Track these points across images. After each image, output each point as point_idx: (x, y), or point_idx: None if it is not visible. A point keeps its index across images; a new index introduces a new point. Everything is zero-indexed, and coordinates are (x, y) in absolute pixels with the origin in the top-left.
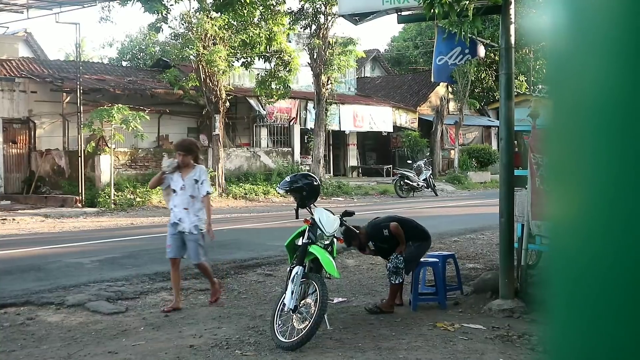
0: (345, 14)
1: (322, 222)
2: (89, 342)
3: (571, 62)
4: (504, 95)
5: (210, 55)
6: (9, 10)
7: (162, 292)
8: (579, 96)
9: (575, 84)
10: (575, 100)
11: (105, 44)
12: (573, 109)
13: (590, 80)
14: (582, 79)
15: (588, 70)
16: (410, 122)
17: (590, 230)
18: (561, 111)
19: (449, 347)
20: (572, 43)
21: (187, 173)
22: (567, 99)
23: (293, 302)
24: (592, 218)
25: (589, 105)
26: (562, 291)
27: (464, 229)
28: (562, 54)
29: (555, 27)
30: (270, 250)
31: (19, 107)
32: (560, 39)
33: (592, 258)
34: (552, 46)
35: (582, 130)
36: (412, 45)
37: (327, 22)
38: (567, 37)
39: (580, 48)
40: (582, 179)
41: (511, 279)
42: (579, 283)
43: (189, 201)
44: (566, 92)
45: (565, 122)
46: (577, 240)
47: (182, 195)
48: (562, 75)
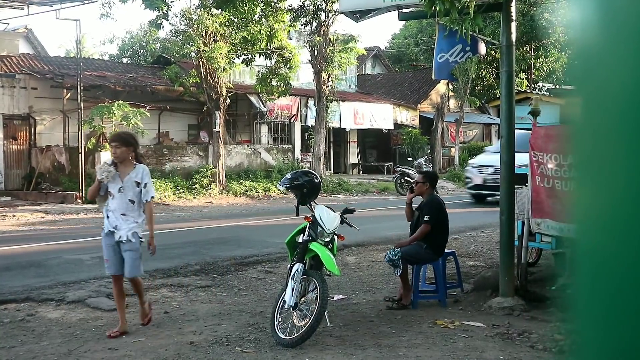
0: (346, 11)
1: (322, 219)
2: (89, 339)
3: (600, 58)
4: (504, 93)
5: (211, 52)
6: (9, 6)
7: (163, 289)
8: (607, 92)
9: (604, 80)
10: (603, 97)
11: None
12: (601, 105)
13: (620, 76)
14: (610, 74)
15: (617, 65)
16: (410, 119)
17: (621, 228)
18: (589, 107)
19: (449, 344)
20: (601, 38)
21: (126, 172)
22: (595, 95)
23: (293, 299)
24: (622, 216)
25: (617, 101)
26: (591, 290)
27: (465, 227)
28: (590, 49)
29: (583, 22)
30: (271, 247)
31: (20, 103)
32: (588, 34)
33: (620, 256)
34: (580, 41)
35: (611, 126)
36: (413, 42)
37: (328, 19)
38: (596, 31)
39: (609, 43)
40: (611, 176)
41: (511, 277)
42: (608, 281)
43: (128, 206)
44: (594, 88)
45: (593, 119)
46: (606, 239)
47: (119, 199)
48: (590, 71)
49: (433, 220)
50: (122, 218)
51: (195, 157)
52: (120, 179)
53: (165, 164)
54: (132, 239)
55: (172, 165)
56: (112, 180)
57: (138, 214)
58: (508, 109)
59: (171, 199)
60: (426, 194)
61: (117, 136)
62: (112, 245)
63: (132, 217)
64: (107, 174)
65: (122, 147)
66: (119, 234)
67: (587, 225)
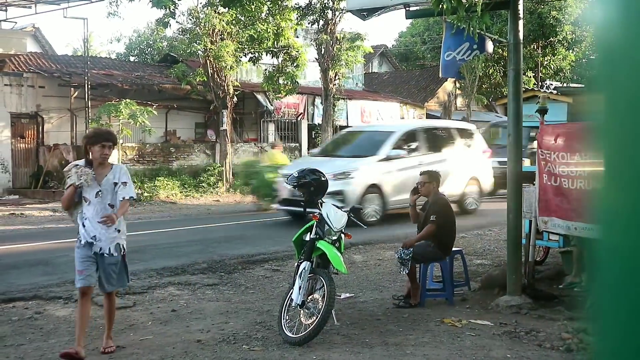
0: (353, 9)
1: (329, 217)
2: (97, 337)
3: (624, 56)
4: (512, 91)
5: (218, 50)
6: (17, 5)
7: (170, 287)
8: (632, 91)
9: (628, 79)
10: (628, 96)
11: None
12: (625, 104)
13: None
14: (635, 73)
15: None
16: (417, 117)
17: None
18: (612, 107)
19: (456, 343)
20: (625, 37)
21: (103, 174)
22: (619, 94)
23: (300, 298)
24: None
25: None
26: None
27: (472, 225)
28: (614, 48)
29: (607, 21)
30: (278, 246)
31: (27, 102)
32: (612, 33)
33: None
34: (603, 40)
35: (635, 125)
36: (420, 40)
37: (335, 17)
38: (620, 30)
39: (634, 42)
40: (636, 175)
41: (519, 275)
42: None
43: (107, 211)
44: (618, 87)
45: (617, 118)
46: (629, 237)
47: (97, 205)
48: (614, 69)
49: (439, 220)
50: (102, 226)
51: (203, 155)
52: (96, 182)
53: (173, 163)
54: (114, 252)
55: (179, 163)
56: (88, 184)
57: (120, 220)
58: (515, 107)
59: (178, 197)
60: (432, 193)
61: (110, 134)
62: (90, 257)
63: (113, 226)
64: (86, 178)
65: (114, 147)
66: (99, 245)
67: (612, 226)
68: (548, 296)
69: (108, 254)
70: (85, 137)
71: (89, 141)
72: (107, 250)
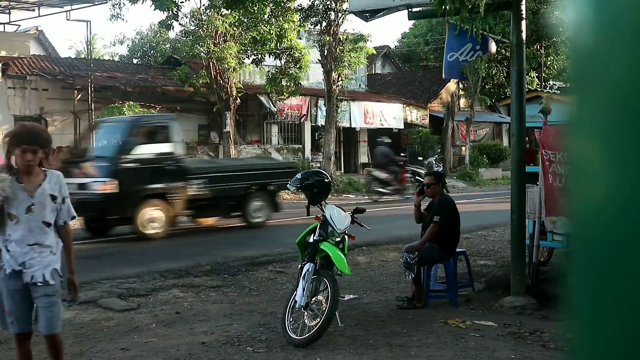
0: (355, 11)
1: (333, 219)
2: (101, 339)
3: (596, 56)
4: (515, 92)
5: (221, 52)
6: (20, 8)
7: (174, 289)
8: (603, 91)
9: (600, 78)
10: (600, 95)
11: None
12: (598, 104)
13: (616, 74)
14: (607, 73)
15: (613, 63)
16: (421, 118)
17: (614, 227)
18: (585, 106)
19: (461, 344)
20: (596, 36)
21: (34, 184)
22: (591, 93)
23: (304, 299)
24: (616, 214)
25: (614, 100)
26: (585, 288)
27: (475, 226)
28: (586, 47)
29: (579, 20)
30: (281, 247)
31: (31, 104)
32: (584, 32)
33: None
34: (575, 39)
35: (607, 125)
36: (423, 41)
37: (338, 18)
38: (592, 29)
39: (606, 41)
40: (607, 175)
41: (523, 276)
42: (603, 279)
43: (42, 231)
44: (591, 87)
45: (589, 118)
46: (600, 238)
47: (29, 222)
48: (586, 69)
49: (443, 221)
50: (34, 250)
51: (206, 157)
52: (26, 193)
53: None
54: (50, 280)
55: None
56: (13, 196)
57: (56, 241)
58: (518, 108)
59: None
60: (438, 194)
61: (34, 135)
62: (19, 291)
63: (47, 248)
64: (9, 189)
65: (40, 151)
66: (30, 273)
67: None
68: (552, 297)
69: (42, 283)
70: (7, 135)
71: (10, 142)
72: (40, 279)
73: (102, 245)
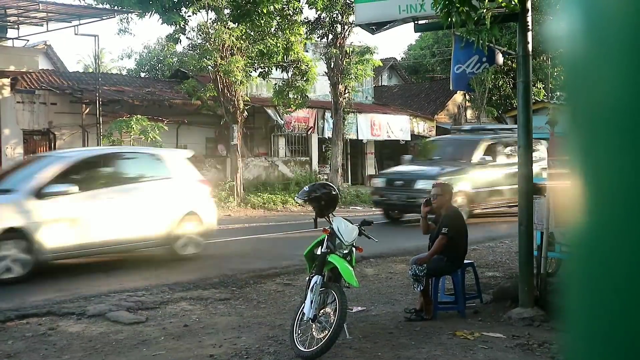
0: (362, 24)
1: (340, 231)
2: (110, 352)
3: (588, 68)
4: (521, 103)
5: (228, 65)
6: (29, 23)
7: (182, 302)
8: (596, 102)
9: (593, 90)
10: (593, 107)
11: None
12: (591, 115)
13: (608, 86)
14: (599, 84)
15: (605, 75)
16: (427, 130)
17: (610, 236)
18: (579, 118)
19: (469, 356)
20: (589, 49)
21: None
22: (584, 105)
23: (312, 312)
24: (611, 224)
25: (606, 111)
26: (583, 298)
27: (483, 237)
28: (579, 59)
29: (572, 33)
30: (289, 260)
31: (39, 118)
32: (577, 45)
33: (613, 264)
34: (569, 52)
35: (601, 136)
36: (429, 53)
37: (344, 31)
38: (584, 42)
39: (598, 53)
40: (602, 185)
41: (531, 287)
42: (600, 290)
43: None
44: (584, 98)
45: (583, 129)
46: (596, 247)
47: None
48: (579, 81)
49: (451, 233)
50: None
51: (213, 170)
52: None
53: None
54: None
55: None
56: None
57: None
58: (525, 119)
59: None
60: (445, 206)
61: None
62: None
63: None
64: None
65: None
66: None
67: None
68: (559, 307)
69: None
70: None
71: None
72: None
73: (109, 259)
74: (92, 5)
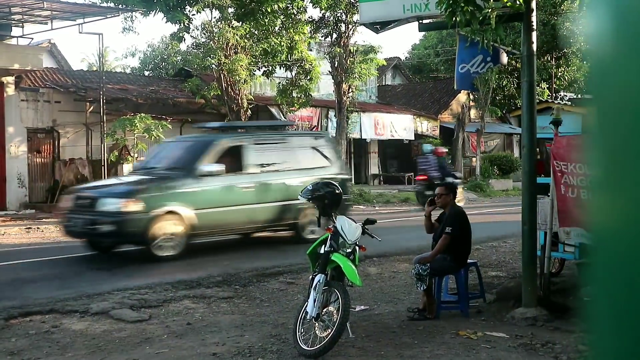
0: (366, 23)
1: (344, 230)
2: (113, 350)
3: (615, 67)
4: (526, 103)
5: (232, 64)
6: (33, 21)
7: (185, 300)
8: (623, 101)
9: (619, 89)
10: (618, 107)
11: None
12: (615, 114)
13: (633, 84)
14: (626, 83)
15: (632, 74)
16: (431, 129)
17: (635, 236)
18: (605, 117)
19: (472, 355)
20: (616, 47)
21: None
22: (611, 104)
23: (315, 310)
24: (636, 224)
25: (631, 110)
26: (606, 298)
27: (486, 237)
28: (606, 58)
29: (599, 32)
30: (292, 259)
31: (43, 117)
32: (604, 44)
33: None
34: (595, 51)
35: (627, 135)
36: (433, 52)
37: (348, 30)
38: (611, 41)
39: (625, 52)
40: (626, 184)
41: (534, 287)
42: (624, 290)
43: None
44: (610, 98)
45: (609, 128)
46: (621, 247)
47: None
48: (605, 80)
49: (455, 232)
50: None
51: None
52: None
53: None
54: None
55: None
56: None
57: None
58: (529, 119)
59: None
60: (449, 205)
61: None
62: None
63: None
64: None
65: None
66: None
67: (605, 233)
68: (564, 308)
69: None
70: None
71: None
72: None
73: (113, 257)
74: (97, 4)
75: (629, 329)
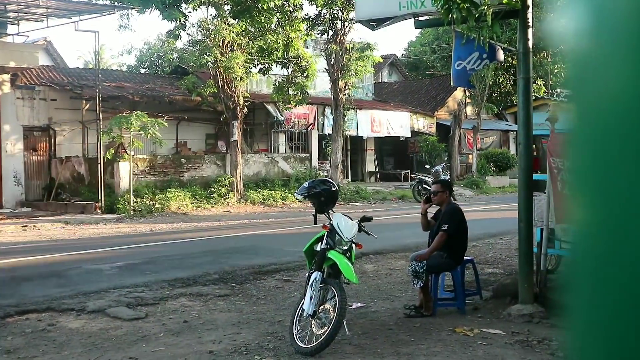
0: (362, 20)
1: (340, 227)
2: (109, 348)
3: (593, 65)
4: (522, 100)
5: (228, 61)
6: (29, 19)
7: (182, 298)
8: (601, 99)
9: (598, 87)
10: (597, 103)
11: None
12: (595, 112)
13: (613, 83)
14: (604, 81)
15: (610, 72)
16: (427, 126)
17: (614, 234)
18: (583, 114)
19: (469, 352)
20: (594, 45)
21: None
22: (589, 102)
23: (312, 308)
24: (615, 222)
25: (611, 108)
26: (586, 296)
27: (483, 234)
28: (584, 56)
29: (577, 29)
30: (289, 256)
31: (39, 114)
32: (582, 41)
33: (616, 262)
34: (573, 48)
35: (605, 133)
36: (429, 50)
37: (344, 27)
38: (589, 39)
39: (603, 50)
40: (605, 182)
41: (530, 284)
42: (603, 288)
43: None
44: (588, 95)
45: (587, 126)
46: (600, 245)
47: None
48: (584, 78)
49: (452, 229)
50: None
51: (213, 166)
52: None
53: (184, 174)
54: None
55: (190, 174)
56: None
57: None
58: (525, 116)
59: (189, 208)
60: (445, 202)
61: None
62: None
63: None
64: None
65: None
66: None
67: (584, 231)
68: (560, 305)
69: None
70: None
71: None
72: None
73: (110, 255)
74: (92, 2)
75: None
